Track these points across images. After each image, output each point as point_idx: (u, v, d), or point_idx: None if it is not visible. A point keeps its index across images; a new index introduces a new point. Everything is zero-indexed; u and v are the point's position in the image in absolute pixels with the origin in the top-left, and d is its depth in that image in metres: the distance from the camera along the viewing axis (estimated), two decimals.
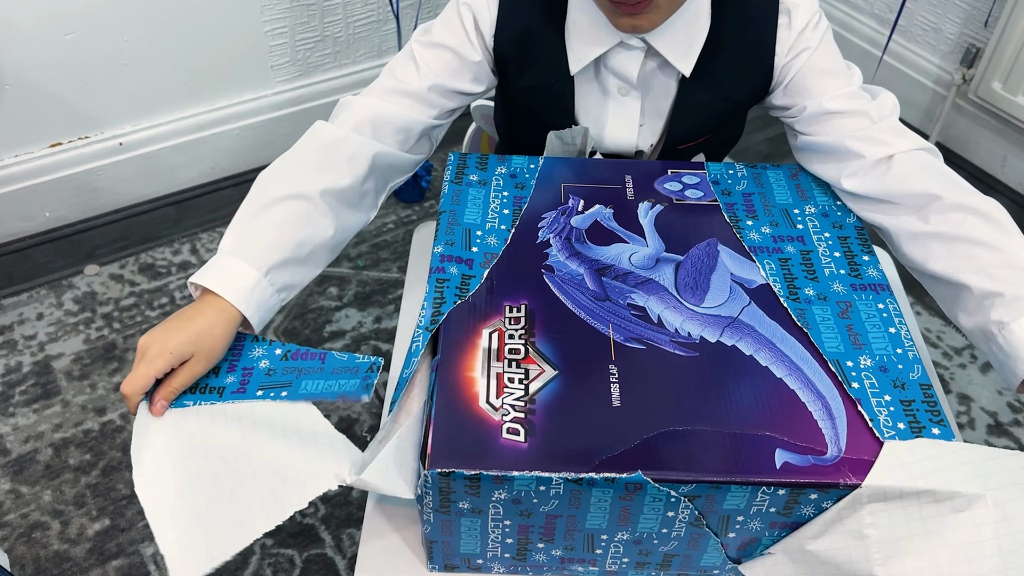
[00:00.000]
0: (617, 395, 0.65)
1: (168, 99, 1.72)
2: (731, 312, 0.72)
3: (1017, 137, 1.88)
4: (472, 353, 0.67)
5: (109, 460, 1.36)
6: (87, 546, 1.26)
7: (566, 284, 0.73)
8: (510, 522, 0.63)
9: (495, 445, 0.61)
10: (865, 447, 0.62)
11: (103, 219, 1.77)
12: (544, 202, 0.82)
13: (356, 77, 1.90)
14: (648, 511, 0.61)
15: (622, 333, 0.69)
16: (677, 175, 0.86)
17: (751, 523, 0.63)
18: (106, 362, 1.51)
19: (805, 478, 0.60)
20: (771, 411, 0.64)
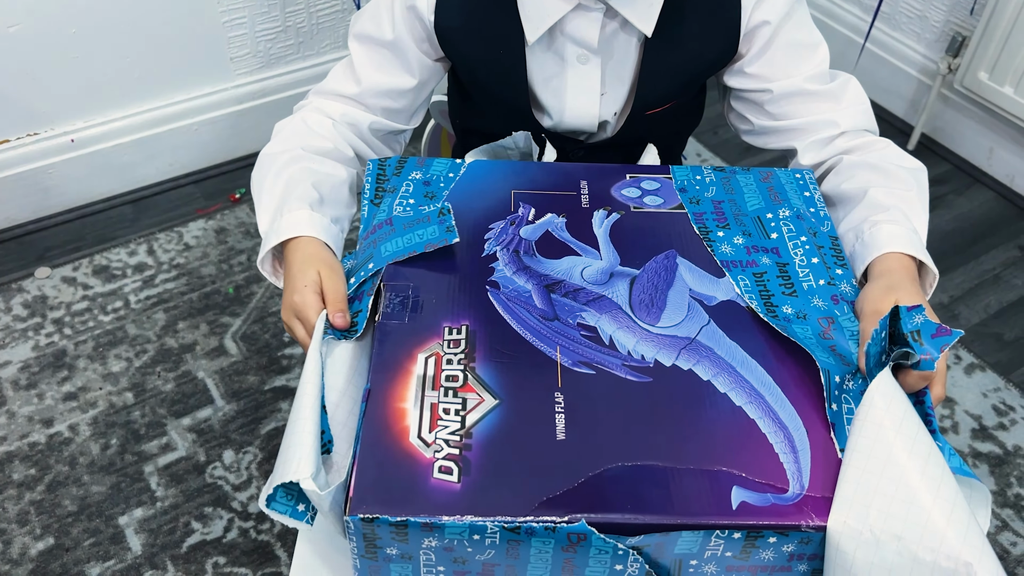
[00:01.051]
0: (562, 427, 0.59)
1: (121, 93, 1.65)
2: (688, 332, 0.66)
3: (1003, 128, 1.83)
4: (405, 381, 0.62)
5: (55, 475, 1.30)
6: (29, 567, 1.20)
7: (512, 302, 0.68)
8: (444, 568, 0.58)
9: (424, 487, 0.55)
10: (831, 484, 0.57)
11: (55, 219, 1.70)
12: (493, 210, 0.76)
13: (320, 69, 1.83)
14: (594, 563, 0.56)
15: (570, 356, 0.64)
16: (636, 180, 0.80)
17: (705, 567, 0.58)
18: (55, 370, 1.44)
19: (764, 520, 0.55)
20: (728, 443, 0.59)
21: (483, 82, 0.91)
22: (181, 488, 1.29)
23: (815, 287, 0.70)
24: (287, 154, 0.81)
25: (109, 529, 1.24)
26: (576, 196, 0.78)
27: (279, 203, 0.77)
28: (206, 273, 1.62)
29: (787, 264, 0.72)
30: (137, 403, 1.40)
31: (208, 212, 1.73)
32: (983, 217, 1.82)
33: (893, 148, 0.84)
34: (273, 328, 1.52)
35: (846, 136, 0.85)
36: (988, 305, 1.64)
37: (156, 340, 1.50)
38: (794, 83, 0.85)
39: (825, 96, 0.86)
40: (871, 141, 0.85)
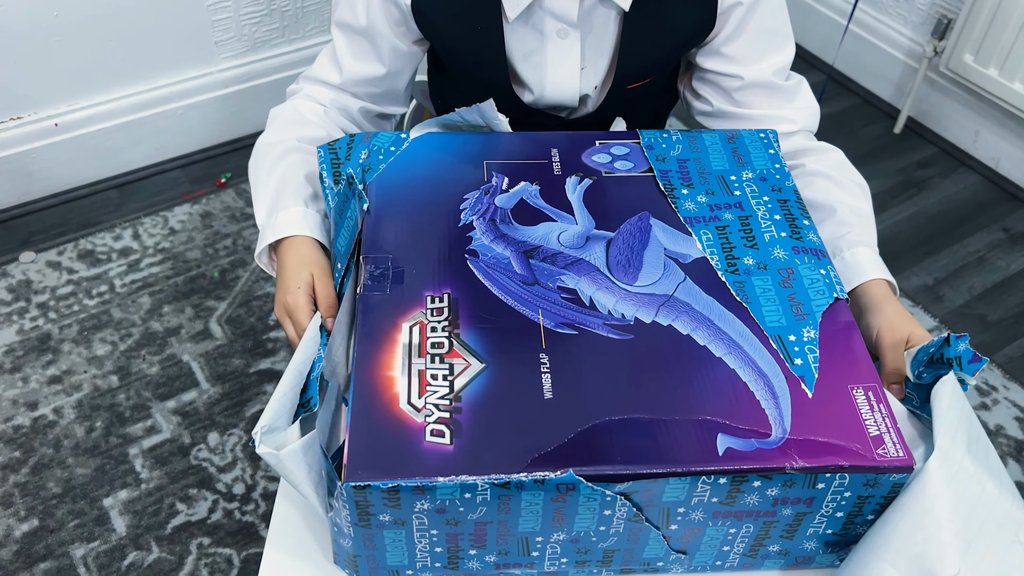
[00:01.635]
0: (549, 386, 0.60)
1: (105, 77, 1.64)
2: (666, 290, 0.68)
3: (989, 111, 1.83)
4: (391, 350, 0.62)
5: (40, 457, 1.30)
6: (14, 548, 1.20)
7: (491, 269, 0.69)
8: (437, 531, 0.58)
9: (418, 451, 0.56)
10: (811, 427, 0.58)
11: (40, 204, 1.70)
12: (466, 181, 0.76)
13: (306, 53, 1.82)
14: (583, 511, 0.57)
15: (552, 318, 0.65)
16: (606, 146, 0.80)
17: (693, 514, 0.59)
18: (40, 354, 1.44)
19: (748, 464, 0.56)
20: (711, 394, 0.60)
21: (461, 60, 0.91)
22: (166, 470, 1.30)
23: (776, 238, 0.72)
24: (281, 145, 0.82)
25: (94, 511, 1.24)
26: (548, 164, 0.78)
27: (274, 197, 0.79)
28: (191, 257, 1.62)
29: (749, 216, 0.73)
30: (122, 386, 1.40)
31: (194, 196, 1.73)
32: (968, 200, 1.83)
33: (843, 158, 0.88)
34: (258, 311, 1.52)
35: (799, 136, 0.88)
36: (972, 287, 1.65)
37: (141, 324, 1.50)
38: (762, 74, 0.87)
39: (784, 92, 0.88)
40: (824, 147, 0.88)
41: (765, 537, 0.62)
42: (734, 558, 0.64)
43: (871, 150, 1.93)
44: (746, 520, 0.60)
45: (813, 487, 0.57)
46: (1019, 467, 1.36)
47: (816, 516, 0.60)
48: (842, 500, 0.59)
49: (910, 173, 1.88)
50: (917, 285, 1.64)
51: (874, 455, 0.57)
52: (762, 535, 0.61)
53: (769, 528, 0.61)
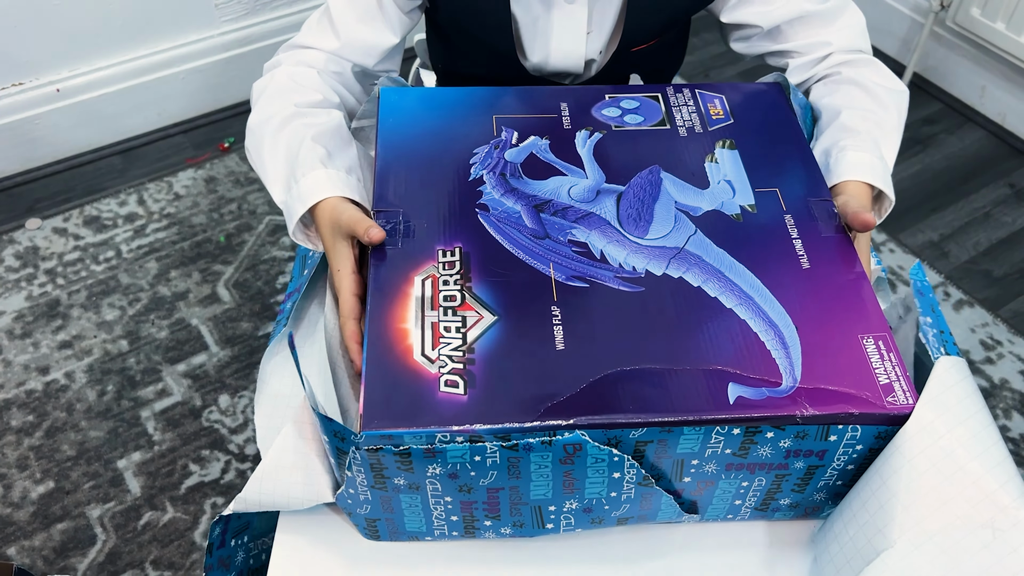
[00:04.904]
0: (561, 338, 0.61)
1: (105, 42, 1.63)
2: (677, 243, 0.68)
3: (996, 66, 1.82)
4: (404, 303, 0.63)
5: (53, 421, 1.31)
6: (31, 509, 1.22)
7: (502, 223, 0.69)
8: (451, 498, 0.60)
9: (432, 401, 0.57)
10: (821, 376, 0.59)
11: (44, 170, 1.69)
12: (475, 135, 0.76)
13: (307, 15, 1.80)
14: (592, 474, 0.58)
15: (563, 271, 0.65)
16: (615, 100, 0.80)
17: (707, 466, 0.60)
18: (50, 319, 1.45)
19: (759, 412, 0.57)
20: (722, 344, 0.61)
21: (465, 26, 0.89)
22: (178, 432, 1.31)
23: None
24: (277, 117, 0.77)
25: (108, 472, 1.26)
26: (557, 118, 0.78)
27: (288, 169, 0.74)
28: (197, 222, 1.62)
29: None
30: (132, 350, 1.41)
31: (197, 161, 1.72)
32: (974, 155, 1.82)
33: (879, 67, 0.84)
34: (265, 275, 1.53)
35: (836, 54, 0.86)
36: (978, 243, 1.64)
37: (149, 289, 1.50)
38: (789, 8, 0.85)
39: (823, 16, 0.86)
40: (860, 59, 0.85)
41: (776, 491, 0.62)
42: (745, 511, 0.65)
43: None
44: (759, 473, 0.61)
45: (825, 439, 0.58)
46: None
47: (828, 469, 0.61)
48: (854, 453, 0.59)
49: (916, 129, 1.87)
50: (923, 241, 1.64)
51: (884, 403, 0.57)
52: (774, 488, 0.62)
53: (781, 481, 0.61)
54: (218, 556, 0.66)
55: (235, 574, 0.69)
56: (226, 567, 0.68)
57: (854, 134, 0.76)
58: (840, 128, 0.77)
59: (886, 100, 0.80)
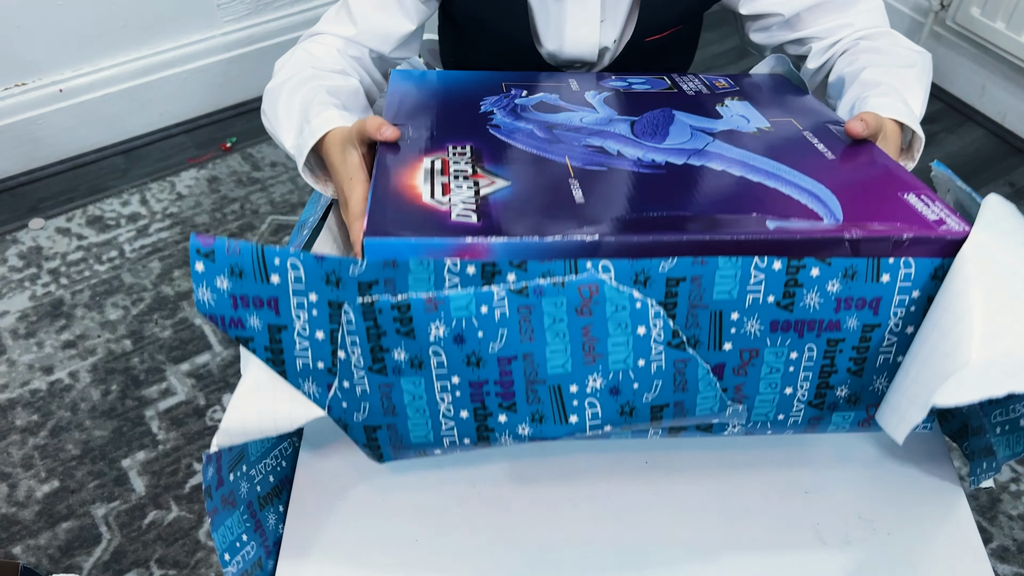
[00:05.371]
0: (580, 195, 0.56)
1: (108, 42, 1.64)
2: (695, 146, 0.64)
3: (996, 65, 1.82)
4: (412, 171, 0.58)
5: (57, 420, 1.32)
6: (36, 508, 1.22)
7: (513, 134, 0.65)
8: (459, 379, 0.53)
9: (444, 222, 0.52)
10: (867, 216, 0.54)
11: (47, 170, 1.70)
12: (484, 93, 0.75)
13: (311, 15, 1.81)
14: (614, 330, 0.52)
15: (580, 160, 0.61)
16: (622, 77, 0.81)
17: (748, 324, 0.54)
18: (53, 319, 1.45)
19: (804, 235, 0.52)
20: (754, 200, 0.56)
21: (481, 16, 0.90)
22: (182, 431, 1.32)
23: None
24: (296, 77, 0.78)
25: (113, 471, 1.27)
26: (566, 86, 0.78)
27: (301, 116, 0.73)
28: (200, 222, 1.62)
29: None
30: (136, 350, 1.42)
31: (200, 161, 1.73)
32: (974, 155, 1.82)
33: (898, 35, 0.85)
34: None
35: (857, 33, 0.86)
36: None
37: (152, 288, 1.51)
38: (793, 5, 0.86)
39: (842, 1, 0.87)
40: (879, 31, 0.86)
41: (831, 370, 0.56)
42: (798, 410, 0.58)
43: None
44: (808, 337, 0.55)
45: (877, 280, 0.53)
46: None
47: (885, 333, 0.55)
48: (910, 304, 0.54)
49: None
50: None
51: (937, 230, 0.53)
52: (827, 366, 0.56)
53: (835, 354, 0.56)
54: (219, 496, 0.58)
55: (243, 507, 0.62)
56: (232, 504, 0.60)
57: (876, 85, 0.76)
58: (861, 84, 0.77)
59: (907, 58, 0.80)
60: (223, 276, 0.50)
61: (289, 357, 0.53)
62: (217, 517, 0.57)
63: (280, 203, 1.66)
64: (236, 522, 0.60)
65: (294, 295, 0.51)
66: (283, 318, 0.52)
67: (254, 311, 0.51)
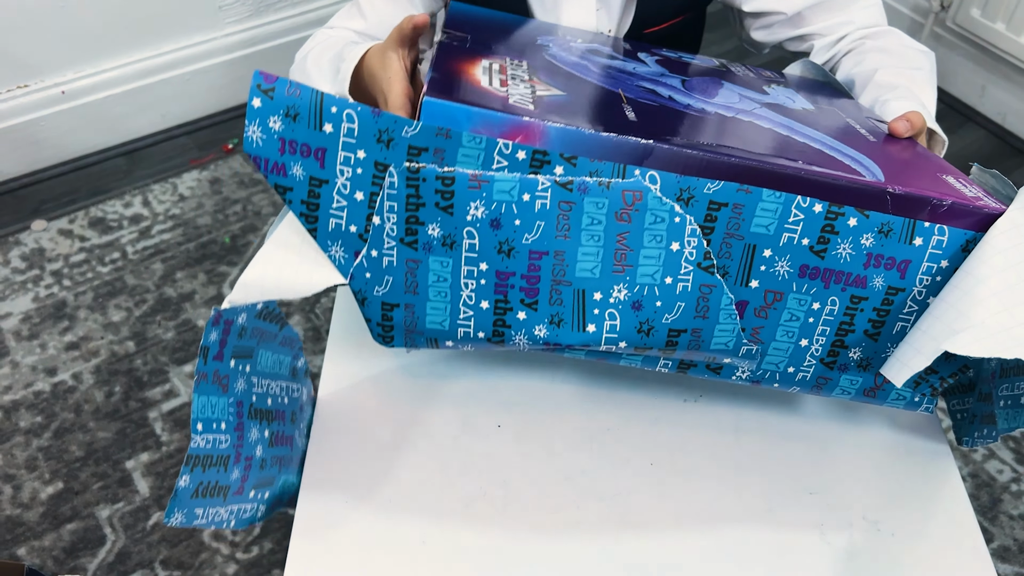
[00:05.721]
0: (632, 114, 0.56)
1: (110, 44, 1.64)
2: (744, 108, 0.65)
3: (995, 65, 1.83)
4: (472, 66, 0.58)
5: (61, 422, 1.32)
6: (40, 510, 1.23)
7: (569, 64, 0.66)
8: (487, 266, 0.53)
9: (500, 99, 0.52)
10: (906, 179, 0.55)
11: (49, 172, 1.70)
12: (540, 33, 0.75)
13: (312, 16, 1.81)
14: (648, 242, 0.52)
15: (634, 93, 0.61)
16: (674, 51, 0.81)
17: (779, 264, 0.55)
18: (56, 321, 1.46)
19: (849, 181, 0.53)
20: (798, 151, 0.57)
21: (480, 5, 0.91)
22: (185, 432, 1.32)
23: None
24: (320, 47, 0.80)
25: (117, 473, 1.27)
26: (619, 42, 0.79)
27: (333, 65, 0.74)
28: (202, 223, 1.63)
29: None
30: (139, 351, 1.42)
31: (202, 163, 1.73)
32: (974, 155, 1.83)
33: (901, 34, 0.87)
34: None
35: (860, 30, 0.88)
36: None
37: (155, 290, 1.51)
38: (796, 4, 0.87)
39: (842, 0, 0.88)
40: (880, 30, 0.88)
41: (849, 329, 0.57)
42: (809, 363, 0.59)
43: None
44: (833, 289, 0.56)
45: (910, 242, 0.54)
46: None
47: (907, 299, 0.56)
48: (937, 273, 0.55)
49: None
50: None
51: (974, 203, 0.55)
52: (846, 325, 0.57)
53: (855, 313, 0.57)
54: (214, 368, 0.55)
55: (233, 400, 0.59)
56: (223, 388, 0.57)
57: (892, 88, 0.78)
58: (877, 86, 0.79)
59: (915, 59, 0.83)
60: (277, 116, 0.49)
61: (323, 215, 0.53)
62: (204, 384, 0.54)
63: (282, 204, 1.66)
64: (222, 407, 0.57)
65: (343, 149, 0.50)
66: (327, 171, 0.51)
67: (300, 159, 0.51)
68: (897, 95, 0.76)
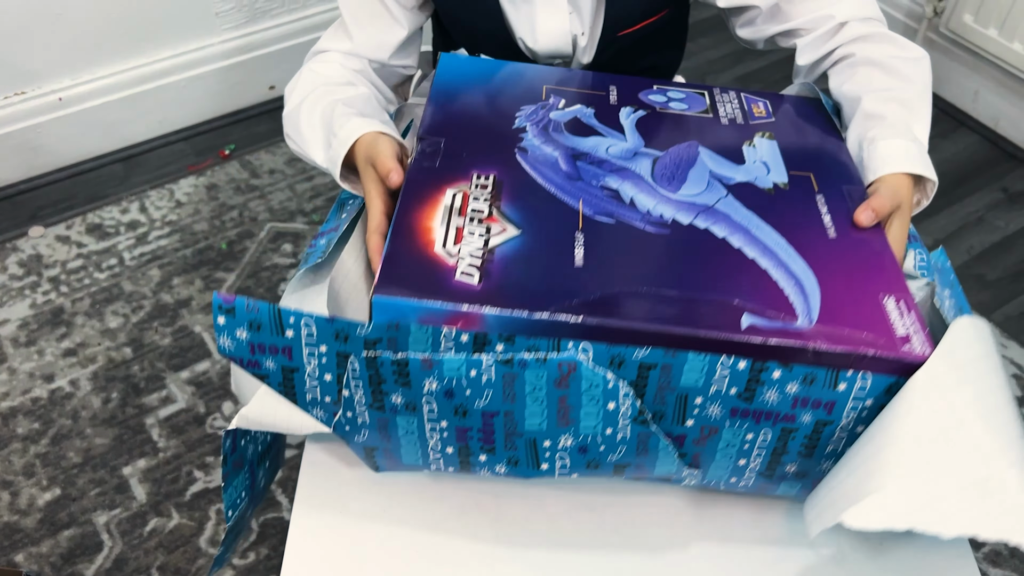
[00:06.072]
0: (580, 256, 0.62)
1: (107, 50, 1.65)
2: (707, 201, 0.68)
3: (988, 71, 1.84)
4: (432, 207, 0.64)
5: (59, 428, 1.33)
6: (38, 516, 1.23)
7: (538, 163, 0.71)
8: (447, 423, 0.59)
9: (446, 282, 0.58)
10: (838, 320, 0.58)
11: (46, 178, 1.71)
12: (523, 97, 0.79)
13: (307, 23, 1.82)
14: (587, 403, 0.57)
15: (592, 207, 0.66)
16: (663, 90, 0.82)
17: (710, 408, 0.58)
18: (54, 327, 1.46)
19: (770, 339, 0.56)
20: (741, 284, 0.60)
21: (457, 16, 0.93)
22: (182, 439, 1.32)
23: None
24: (310, 97, 0.82)
25: (114, 479, 1.27)
26: (605, 96, 0.80)
27: (326, 132, 0.78)
28: (199, 229, 1.63)
29: None
30: (136, 358, 1.43)
31: (199, 169, 1.74)
32: (968, 160, 1.84)
33: (894, 39, 0.83)
34: (267, 282, 1.54)
35: (845, 28, 0.85)
36: (971, 247, 1.67)
37: (152, 296, 1.52)
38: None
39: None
40: (869, 33, 0.84)
41: (783, 452, 0.60)
42: (749, 476, 0.63)
43: None
44: (764, 424, 0.59)
45: (834, 387, 0.57)
46: None
47: (836, 429, 0.59)
48: (863, 409, 0.57)
49: None
50: None
51: (899, 350, 0.56)
52: (780, 449, 0.60)
53: (788, 439, 0.60)
54: (232, 461, 0.65)
55: (247, 467, 0.69)
56: (240, 466, 0.67)
57: (880, 120, 0.76)
58: (864, 117, 0.77)
59: (906, 72, 0.79)
60: (242, 328, 0.56)
61: (300, 392, 0.60)
62: (228, 480, 0.65)
63: (279, 210, 1.67)
64: (240, 481, 0.67)
65: (306, 345, 0.57)
66: (295, 362, 0.58)
67: (270, 356, 0.57)
68: (885, 132, 0.74)
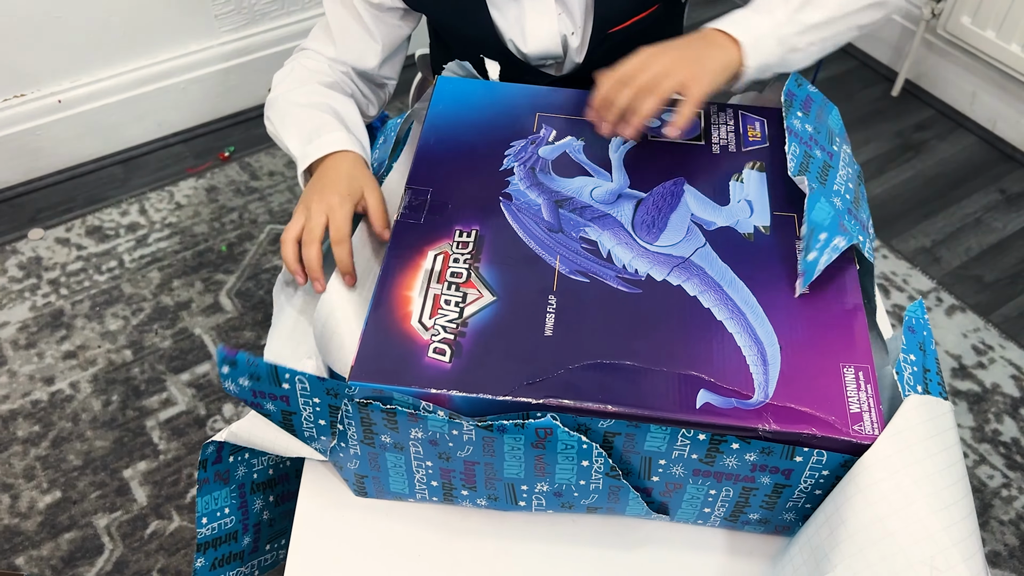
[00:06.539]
0: (551, 325, 0.64)
1: (106, 53, 1.65)
2: (683, 252, 0.70)
3: (986, 73, 1.84)
4: (414, 273, 0.67)
5: (59, 431, 1.33)
6: (38, 519, 1.23)
7: (521, 213, 0.73)
8: (431, 464, 0.63)
9: (418, 364, 0.61)
10: (793, 396, 0.60)
11: (46, 180, 1.71)
12: (516, 129, 0.80)
13: (306, 24, 1.82)
14: (562, 460, 0.60)
15: (568, 265, 0.69)
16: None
17: (674, 468, 0.61)
18: (54, 330, 1.46)
19: (723, 420, 0.58)
20: (704, 352, 0.63)
21: (447, 23, 0.93)
22: (183, 441, 1.33)
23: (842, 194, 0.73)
24: (303, 87, 0.85)
25: (114, 482, 1.27)
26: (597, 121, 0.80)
27: (310, 128, 0.81)
28: (198, 231, 1.63)
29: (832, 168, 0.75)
30: (136, 360, 1.43)
31: (198, 171, 1.74)
32: (965, 161, 1.84)
33: None
34: (267, 284, 1.54)
35: None
36: (969, 248, 1.67)
37: (152, 298, 1.52)
38: None
39: None
40: None
41: (745, 504, 0.63)
42: (715, 519, 0.66)
43: (869, 113, 1.94)
44: (726, 483, 0.62)
45: (791, 459, 0.59)
46: (1015, 424, 1.39)
47: (795, 490, 0.61)
48: (820, 478, 0.60)
49: (907, 136, 1.89)
50: (915, 247, 1.67)
51: (849, 430, 0.58)
52: (742, 502, 0.63)
53: (749, 495, 0.63)
54: (214, 471, 0.68)
55: (235, 487, 0.71)
56: (224, 480, 0.70)
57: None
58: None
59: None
60: (244, 377, 0.60)
61: (299, 431, 0.64)
62: (206, 487, 0.68)
63: (278, 212, 1.67)
64: (224, 496, 0.70)
65: (300, 396, 0.61)
66: (292, 407, 0.62)
67: (270, 400, 0.62)
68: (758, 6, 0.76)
